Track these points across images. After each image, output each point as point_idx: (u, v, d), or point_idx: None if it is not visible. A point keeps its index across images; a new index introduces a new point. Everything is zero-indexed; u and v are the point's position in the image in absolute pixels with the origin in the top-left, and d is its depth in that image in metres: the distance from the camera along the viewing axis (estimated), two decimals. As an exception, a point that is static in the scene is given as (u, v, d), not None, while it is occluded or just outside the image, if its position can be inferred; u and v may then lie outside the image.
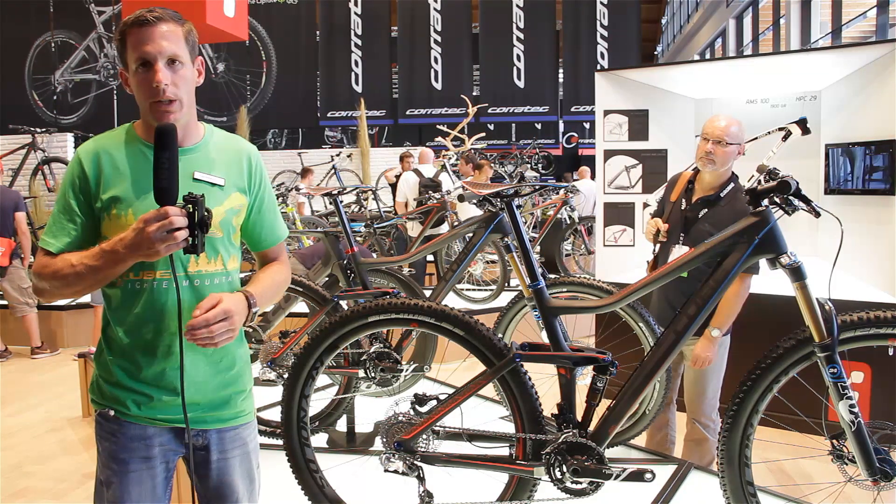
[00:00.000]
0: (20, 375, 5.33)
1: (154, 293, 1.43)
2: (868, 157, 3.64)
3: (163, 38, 1.37)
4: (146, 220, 1.28)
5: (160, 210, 1.29)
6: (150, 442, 1.47)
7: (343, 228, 3.04)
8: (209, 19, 5.69)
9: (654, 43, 27.28)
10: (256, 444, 1.66)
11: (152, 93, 1.37)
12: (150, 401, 1.46)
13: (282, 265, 1.67)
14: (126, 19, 1.40)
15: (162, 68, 1.37)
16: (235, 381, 1.56)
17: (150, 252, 1.29)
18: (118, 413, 1.46)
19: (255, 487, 1.63)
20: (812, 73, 4.03)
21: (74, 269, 1.36)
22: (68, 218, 1.42)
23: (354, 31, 14.33)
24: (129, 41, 1.38)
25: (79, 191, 1.42)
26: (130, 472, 1.45)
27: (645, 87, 4.32)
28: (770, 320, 3.02)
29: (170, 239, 1.28)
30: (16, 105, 12.94)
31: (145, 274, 1.42)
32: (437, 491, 1.98)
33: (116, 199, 1.41)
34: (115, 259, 1.32)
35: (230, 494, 1.57)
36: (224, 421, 1.55)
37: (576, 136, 15.98)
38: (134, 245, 1.30)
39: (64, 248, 1.41)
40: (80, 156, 1.43)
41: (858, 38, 13.60)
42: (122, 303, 1.44)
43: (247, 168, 1.55)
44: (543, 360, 1.98)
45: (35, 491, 3.24)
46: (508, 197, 2.32)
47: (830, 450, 1.85)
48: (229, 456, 1.56)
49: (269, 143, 16.26)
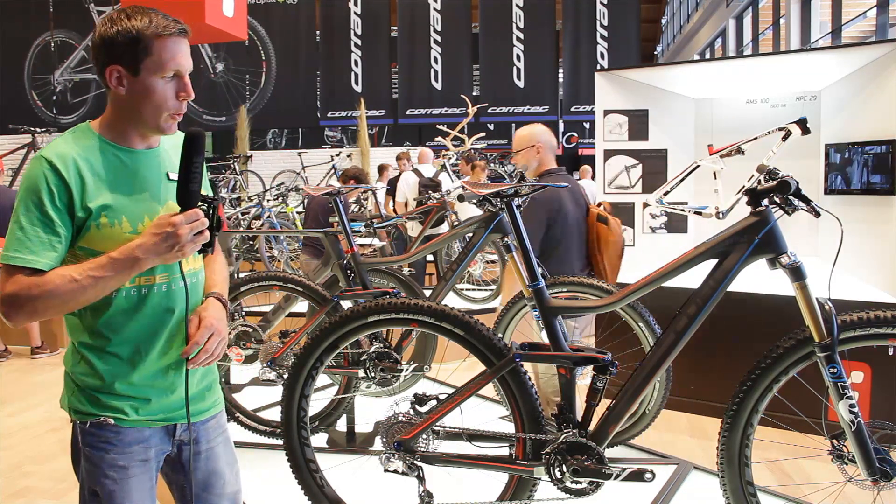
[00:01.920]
0: (20, 375, 5.33)
1: (155, 298, 1.44)
2: (868, 156, 3.64)
3: (188, 53, 1.41)
4: (176, 224, 1.29)
5: (191, 212, 1.31)
6: (148, 444, 1.47)
7: (343, 228, 3.04)
8: (209, 19, 5.70)
9: (654, 43, 27.27)
10: (228, 428, 1.71)
11: (175, 105, 1.40)
12: (147, 403, 1.46)
13: (221, 254, 1.71)
14: (155, 25, 1.35)
15: (189, 82, 1.41)
16: (212, 369, 1.62)
17: (177, 255, 1.31)
18: (117, 421, 1.43)
19: (236, 468, 1.67)
20: (812, 73, 4.03)
21: (79, 284, 1.29)
22: (49, 230, 1.31)
23: (354, 31, 14.32)
24: (156, 47, 1.35)
25: (58, 200, 1.32)
26: (131, 477, 1.44)
27: (645, 87, 4.32)
28: (770, 320, 3.02)
29: (198, 240, 1.32)
30: (16, 105, 12.94)
31: (144, 280, 1.42)
32: (437, 491, 1.98)
33: (107, 207, 1.36)
34: (131, 266, 1.30)
35: (217, 481, 1.59)
36: (207, 410, 1.58)
37: (576, 135, 15.98)
38: (159, 249, 1.30)
39: (53, 263, 1.31)
40: (52, 162, 1.33)
41: (858, 38, 13.60)
42: (118, 311, 1.41)
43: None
44: (543, 360, 1.98)
45: (35, 491, 3.24)
46: (508, 197, 2.32)
47: (830, 450, 1.85)
48: (214, 444, 1.59)
49: (269, 143, 16.26)
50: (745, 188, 1.89)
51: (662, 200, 3.42)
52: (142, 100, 1.37)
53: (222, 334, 1.47)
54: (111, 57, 1.36)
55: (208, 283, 1.59)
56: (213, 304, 1.51)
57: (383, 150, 13.30)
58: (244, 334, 3.15)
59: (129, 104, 1.39)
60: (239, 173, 10.89)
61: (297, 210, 8.44)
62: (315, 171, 11.52)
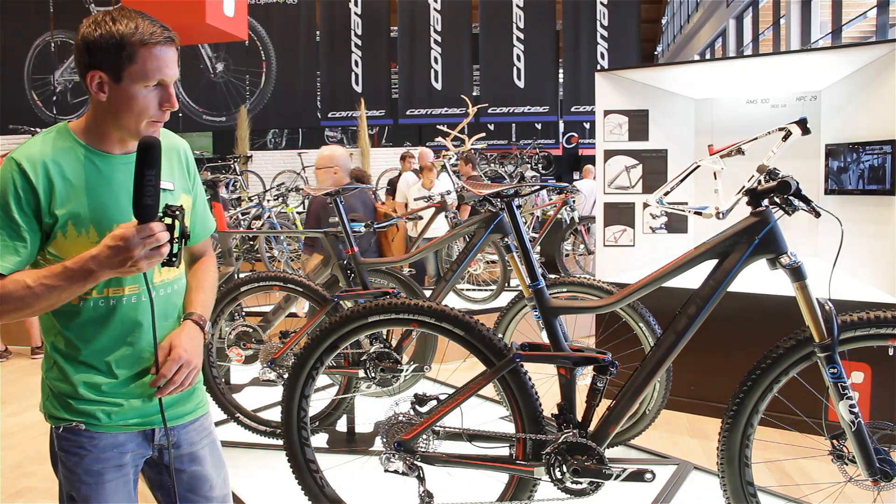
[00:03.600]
0: (20, 375, 5.32)
1: (123, 310, 1.40)
2: (868, 157, 3.64)
3: (175, 61, 1.36)
4: (126, 239, 1.22)
5: (145, 227, 1.23)
6: (124, 449, 1.44)
7: (343, 228, 3.04)
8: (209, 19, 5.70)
9: (654, 43, 27.27)
10: (215, 430, 1.67)
11: (157, 113, 1.35)
12: (120, 408, 1.42)
13: (212, 260, 1.66)
14: (141, 32, 1.30)
15: (173, 93, 1.36)
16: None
17: (132, 269, 1.25)
18: (88, 425, 1.40)
19: (225, 471, 1.64)
20: (812, 73, 4.03)
21: (32, 291, 1.25)
22: (14, 235, 1.28)
23: (354, 31, 14.32)
24: (141, 56, 1.30)
25: (25, 205, 1.29)
26: (106, 482, 1.41)
27: (645, 87, 4.32)
28: (770, 320, 3.02)
29: (154, 255, 1.25)
30: (16, 105, 12.93)
31: (111, 291, 1.38)
32: (437, 491, 1.98)
33: (74, 215, 1.32)
34: (84, 277, 1.25)
35: (202, 485, 1.56)
36: (189, 413, 1.54)
37: (576, 136, 15.96)
38: (112, 262, 1.23)
39: (13, 268, 1.28)
40: (21, 165, 1.29)
41: (858, 38, 13.60)
42: (87, 321, 1.38)
43: (186, 165, 1.54)
44: (543, 360, 1.98)
45: (35, 491, 3.24)
46: (508, 197, 2.32)
47: (830, 450, 1.85)
48: (198, 448, 1.56)
49: (269, 143, 16.24)
50: (745, 188, 1.90)
51: (663, 200, 3.43)
52: (122, 108, 1.33)
53: (192, 364, 1.42)
54: (93, 61, 1.30)
55: (188, 299, 1.53)
56: (187, 329, 1.45)
57: (383, 150, 13.30)
58: (244, 335, 3.15)
59: (110, 111, 1.34)
60: (239, 173, 10.89)
61: (297, 210, 8.44)
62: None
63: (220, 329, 3.32)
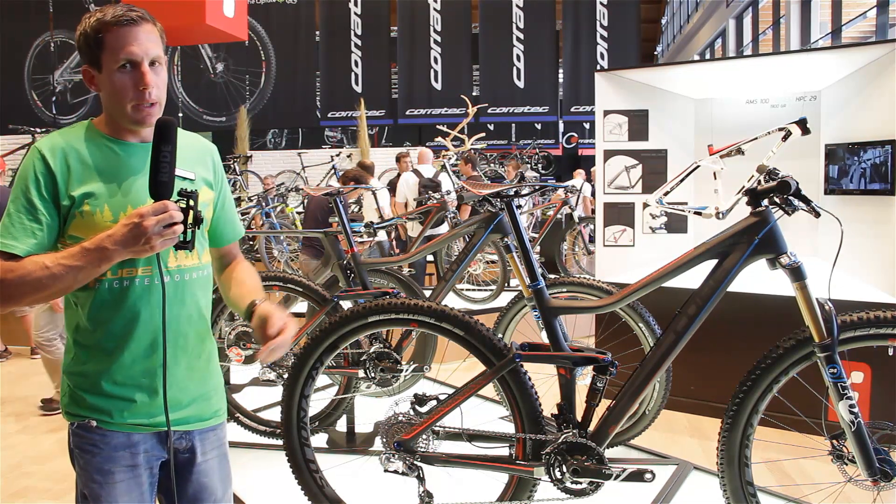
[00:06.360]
0: (20, 375, 5.33)
1: (136, 291, 1.40)
2: (868, 157, 3.64)
3: (147, 38, 1.36)
4: (142, 215, 1.23)
5: (159, 204, 1.25)
6: (136, 449, 1.43)
7: (343, 228, 3.04)
8: (209, 19, 5.70)
9: (654, 43, 27.26)
10: (227, 444, 1.66)
11: (137, 95, 1.35)
12: (132, 405, 1.42)
13: (245, 262, 1.69)
14: (102, 17, 1.34)
15: (148, 70, 1.35)
16: (212, 376, 1.58)
17: (145, 248, 1.25)
18: (101, 423, 1.41)
19: (230, 488, 1.63)
20: (812, 73, 4.03)
21: (50, 271, 1.27)
22: (32, 218, 1.33)
23: (354, 31, 14.31)
24: (108, 40, 1.33)
25: (44, 188, 1.34)
26: (117, 482, 1.41)
27: (645, 87, 4.32)
28: (770, 320, 3.02)
29: (167, 234, 1.25)
30: (16, 105, 12.93)
31: (125, 272, 1.38)
32: (437, 491, 1.98)
33: (90, 194, 1.35)
34: (102, 257, 1.26)
35: (207, 497, 1.55)
36: (205, 420, 1.54)
37: (576, 136, 15.96)
38: (126, 240, 1.24)
39: (31, 250, 1.31)
40: (42, 152, 1.35)
41: (858, 38, 13.60)
42: (101, 304, 1.39)
43: (211, 164, 1.56)
44: (543, 360, 1.98)
45: (35, 491, 3.24)
46: (508, 197, 2.32)
47: (830, 450, 1.85)
48: (209, 458, 1.55)
49: (269, 143, 16.24)
50: (744, 188, 1.90)
51: (662, 201, 3.43)
52: (107, 95, 1.38)
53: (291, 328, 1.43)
54: (83, 57, 1.37)
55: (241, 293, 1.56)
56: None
57: (383, 150, 13.28)
58: (244, 335, 3.15)
59: (104, 101, 1.39)
60: (239, 173, 10.89)
61: (297, 210, 8.44)
62: (315, 171, 11.51)
63: (220, 329, 3.32)
